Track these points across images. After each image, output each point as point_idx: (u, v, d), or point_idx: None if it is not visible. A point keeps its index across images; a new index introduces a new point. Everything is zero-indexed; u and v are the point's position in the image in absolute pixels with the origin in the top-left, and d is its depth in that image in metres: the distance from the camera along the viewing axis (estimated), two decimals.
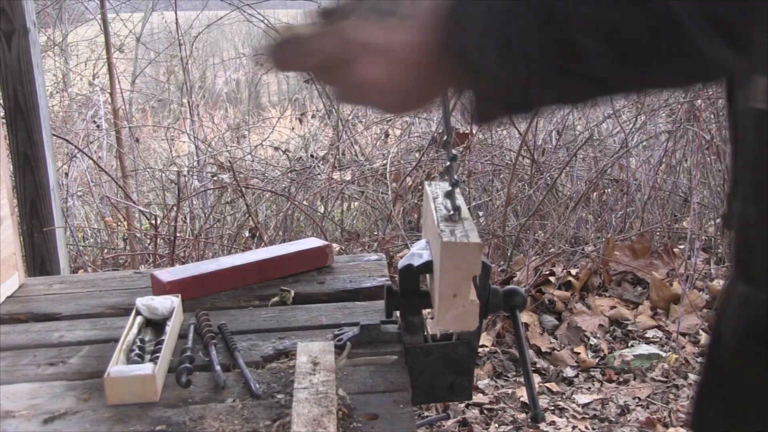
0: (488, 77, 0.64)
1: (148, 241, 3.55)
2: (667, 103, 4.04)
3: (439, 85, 0.70)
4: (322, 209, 3.88)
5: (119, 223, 4.03)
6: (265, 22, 4.25)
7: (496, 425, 2.55)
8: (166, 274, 1.44)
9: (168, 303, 1.28)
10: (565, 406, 2.66)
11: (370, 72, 0.68)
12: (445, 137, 0.96)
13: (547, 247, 3.68)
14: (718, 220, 3.94)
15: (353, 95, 0.73)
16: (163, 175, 4.24)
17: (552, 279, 3.41)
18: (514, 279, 3.36)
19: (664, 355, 2.94)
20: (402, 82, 0.68)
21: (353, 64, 0.68)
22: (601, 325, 3.19)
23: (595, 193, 4.18)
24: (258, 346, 1.21)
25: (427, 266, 1.06)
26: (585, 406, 2.68)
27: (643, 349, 2.99)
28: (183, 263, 3.00)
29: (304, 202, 3.82)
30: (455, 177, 0.99)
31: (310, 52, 0.70)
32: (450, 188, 1.00)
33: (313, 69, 0.73)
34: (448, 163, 0.98)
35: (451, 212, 0.99)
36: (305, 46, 0.71)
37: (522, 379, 2.83)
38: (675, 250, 3.65)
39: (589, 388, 2.81)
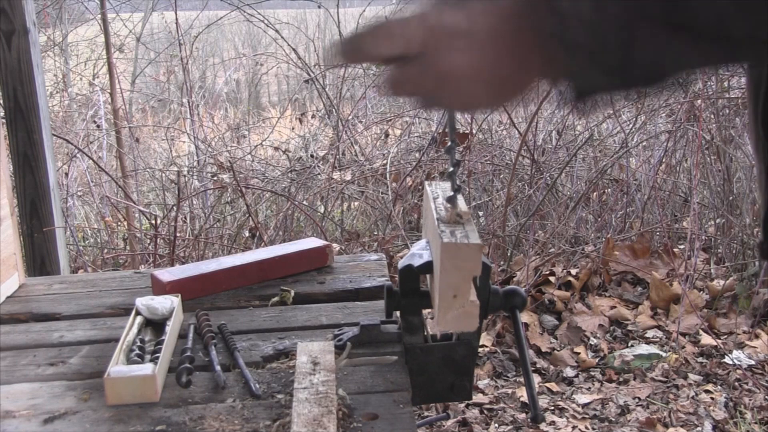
0: (583, 42, 0.58)
1: (148, 241, 3.55)
2: (667, 103, 4.04)
3: (529, 69, 0.64)
4: (322, 209, 3.88)
5: (119, 223, 4.03)
6: (265, 22, 4.25)
7: (496, 425, 2.55)
8: (166, 274, 1.44)
9: (168, 303, 1.28)
10: (565, 406, 2.66)
11: (455, 60, 0.63)
12: (449, 143, 0.96)
13: (547, 247, 3.68)
14: (718, 220, 3.94)
15: (436, 90, 0.66)
16: (163, 175, 4.24)
17: (552, 279, 3.40)
18: (514, 279, 3.36)
19: (664, 355, 2.94)
20: (490, 69, 0.63)
21: (437, 53, 0.63)
22: (601, 325, 3.19)
23: (595, 193, 4.18)
24: (258, 346, 1.21)
25: (428, 266, 1.06)
26: (585, 406, 2.68)
27: (643, 349, 2.98)
28: (183, 263, 3.00)
29: (304, 202, 3.82)
30: (457, 184, 0.99)
31: (391, 37, 0.65)
32: (452, 193, 1.00)
33: (393, 59, 0.67)
34: (451, 169, 0.98)
35: (452, 214, 0.99)
36: (385, 31, 0.66)
37: (522, 379, 2.83)
38: (675, 250, 3.65)
39: (589, 388, 2.81)
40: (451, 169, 0.98)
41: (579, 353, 3.02)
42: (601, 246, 3.61)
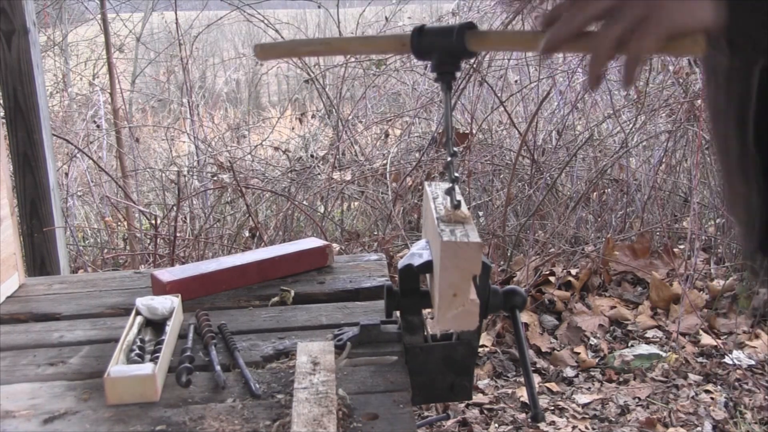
0: None
1: (148, 241, 3.55)
2: (667, 103, 4.04)
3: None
4: (322, 209, 3.88)
5: (119, 223, 4.03)
6: (265, 22, 4.25)
7: (496, 425, 2.55)
8: (166, 274, 1.44)
9: (168, 303, 1.28)
10: (565, 406, 2.66)
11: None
12: (445, 136, 0.96)
13: (547, 247, 3.67)
14: (718, 220, 3.94)
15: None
16: (163, 175, 4.24)
17: (552, 279, 3.40)
18: (514, 279, 3.36)
19: (664, 355, 2.94)
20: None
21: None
22: (601, 325, 3.19)
23: (595, 193, 4.18)
24: (258, 346, 1.21)
25: (427, 266, 1.06)
26: (585, 406, 2.68)
27: (643, 349, 2.98)
28: (183, 263, 3.00)
29: (304, 202, 3.82)
30: (455, 174, 0.99)
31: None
32: (450, 185, 1.00)
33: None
34: (449, 159, 0.98)
35: (451, 211, 0.99)
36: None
37: (522, 379, 2.83)
38: (675, 250, 3.65)
39: (589, 388, 2.81)
40: (449, 159, 0.98)
41: (579, 353, 3.02)
42: (601, 246, 3.61)
